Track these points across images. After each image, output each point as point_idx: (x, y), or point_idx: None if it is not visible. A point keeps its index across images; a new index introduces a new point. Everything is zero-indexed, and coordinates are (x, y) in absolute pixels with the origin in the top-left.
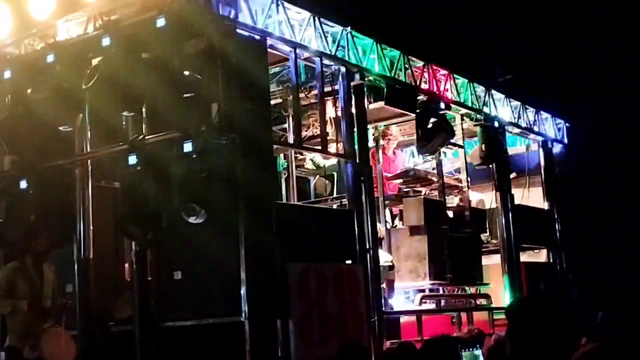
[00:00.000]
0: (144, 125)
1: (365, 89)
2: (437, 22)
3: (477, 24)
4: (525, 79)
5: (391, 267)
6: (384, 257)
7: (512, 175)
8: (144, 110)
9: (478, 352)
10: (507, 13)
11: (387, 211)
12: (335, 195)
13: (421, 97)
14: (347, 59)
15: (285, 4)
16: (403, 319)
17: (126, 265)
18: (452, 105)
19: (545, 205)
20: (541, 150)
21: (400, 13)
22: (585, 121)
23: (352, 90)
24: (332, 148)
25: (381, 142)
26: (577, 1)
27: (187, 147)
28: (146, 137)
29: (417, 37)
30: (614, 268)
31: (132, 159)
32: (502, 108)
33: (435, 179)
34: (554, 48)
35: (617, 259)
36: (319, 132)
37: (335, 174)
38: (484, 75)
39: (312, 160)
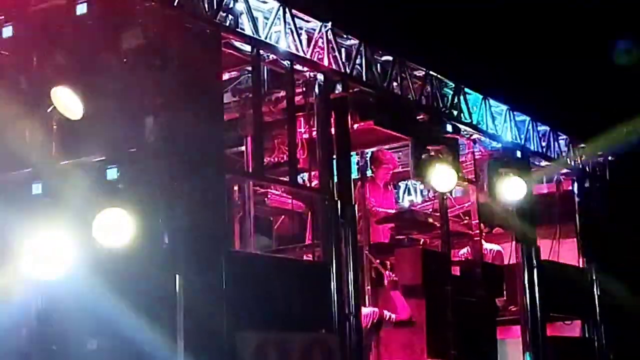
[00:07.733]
0: (53, 144)
1: (348, 103)
2: (442, 21)
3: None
4: (559, 101)
5: None
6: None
7: None
8: (54, 124)
9: None
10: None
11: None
12: (306, 242)
13: (422, 117)
14: (325, 63)
15: None
16: None
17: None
18: (462, 128)
19: (580, 263)
20: (576, 189)
21: (396, 7)
22: (637, 153)
23: (331, 104)
24: (303, 179)
25: (368, 171)
26: None
27: (112, 173)
28: (56, 160)
29: (416, 38)
30: None
31: (37, 188)
32: (526, 134)
33: (437, 224)
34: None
35: None
36: (286, 159)
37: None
38: (504, 89)
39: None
